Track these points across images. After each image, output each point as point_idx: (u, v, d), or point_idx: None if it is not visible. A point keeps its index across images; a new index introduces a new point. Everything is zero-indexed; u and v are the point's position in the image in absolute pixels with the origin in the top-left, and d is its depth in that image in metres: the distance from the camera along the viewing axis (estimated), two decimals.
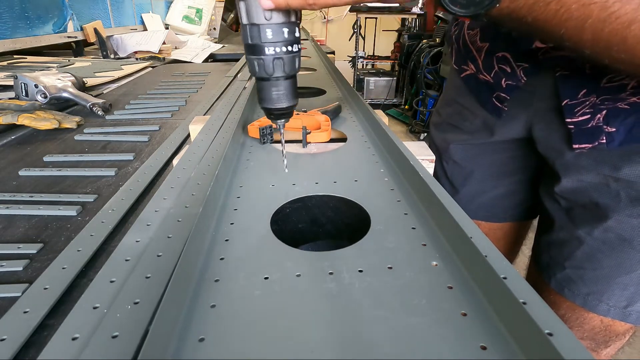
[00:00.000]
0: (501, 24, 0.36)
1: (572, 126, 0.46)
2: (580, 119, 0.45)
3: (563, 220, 0.52)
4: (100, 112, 0.84)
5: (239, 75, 1.10)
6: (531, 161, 0.61)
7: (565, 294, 0.52)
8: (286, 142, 0.55)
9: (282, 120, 0.39)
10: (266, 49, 0.33)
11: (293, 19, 0.33)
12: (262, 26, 0.32)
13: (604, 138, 0.44)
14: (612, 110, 0.43)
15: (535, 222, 0.69)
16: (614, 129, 0.43)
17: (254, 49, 0.33)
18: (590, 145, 0.45)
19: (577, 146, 0.46)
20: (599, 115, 0.43)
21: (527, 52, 0.47)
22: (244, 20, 0.33)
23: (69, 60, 1.49)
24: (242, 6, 0.32)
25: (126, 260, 0.29)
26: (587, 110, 0.44)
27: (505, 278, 0.23)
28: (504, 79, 0.51)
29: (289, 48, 0.34)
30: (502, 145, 0.60)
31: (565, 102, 0.45)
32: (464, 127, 0.62)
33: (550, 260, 0.54)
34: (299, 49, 0.35)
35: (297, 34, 0.34)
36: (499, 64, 0.51)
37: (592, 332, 0.53)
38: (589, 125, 0.44)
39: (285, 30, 0.33)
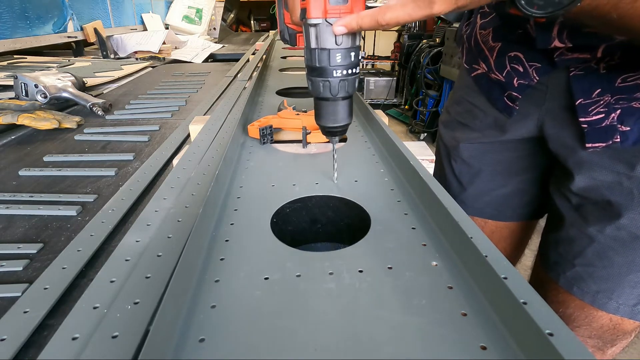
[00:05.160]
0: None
1: (585, 125, 0.46)
2: (594, 118, 0.45)
3: (573, 218, 0.52)
4: (100, 112, 0.84)
5: (239, 75, 1.10)
6: (540, 160, 0.61)
7: (574, 292, 0.52)
8: (286, 142, 0.55)
9: (337, 138, 0.41)
10: (334, 71, 0.34)
11: (358, 42, 0.34)
12: (332, 51, 0.33)
13: (618, 137, 0.44)
14: (627, 109, 0.43)
15: (540, 222, 0.69)
16: (628, 128, 0.43)
17: (321, 72, 0.35)
18: (604, 145, 0.45)
19: (590, 145, 0.46)
20: (613, 115, 0.43)
21: (540, 52, 0.47)
22: (313, 45, 0.34)
23: (69, 60, 1.49)
24: (312, 32, 0.33)
25: (126, 260, 0.29)
26: (601, 110, 0.44)
27: (505, 278, 0.23)
28: (516, 78, 0.51)
29: (353, 70, 0.35)
30: (511, 144, 0.60)
31: (579, 101, 0.45)
32: (474, 126, 0.62)
33: (559, 258, 0.54)
34: (359, 70, 0.36)
35: (359, 57, 0.35)
36: (511, 64, 0.51)
37: (601, 330, 0.53)
38: (603, 125, 0.44)
39: (352, 54, 0.34)
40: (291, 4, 0.37)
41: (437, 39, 2.79)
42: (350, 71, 0.35)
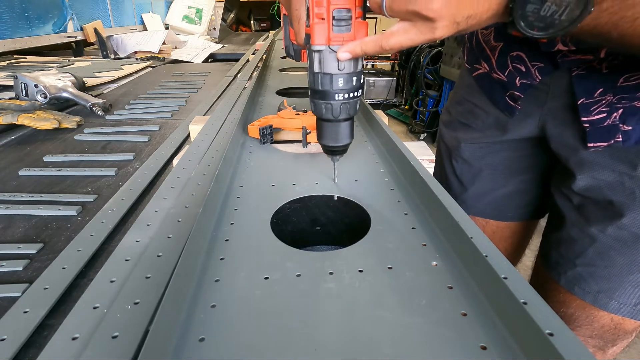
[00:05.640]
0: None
1: (587, 125, 0.46)
2: (596, 117, 0.45)
3: (574, 218, 0.52)
4: (100, 112, 0.84)
5: (239, 75, 1.10)
6: (541, 160, 0.61)
7: (575, 292, 0.52)
8: (286, 142, 0.55)
9: (338, 157, 0.41)
10: (336, 95, 0.35)
11: (360, 67, 0.35)
12: (335, 76, 0.34)
13: (620, 136, 0.44)
14: (629, 108, 0.43)
15: (541, 222, 0.69)
16: (630, 128, 0.43)
17: (323, 95, 0.35)
18: (605, 144, 0.45)
19: (592, 145, 0.46)
20: (615, 114, 0.44)
21: (542, 52, 0.47)
22: (316, 69, 0.35)
23: (69, 60, 1.49)
24: (315, 57, 0.34)
25: (126, 260, 0.29)
26: (603, 109, 0.44)
27: (505, 278, 0.23)
28: (518, 78, 0.51)
29: (355, 94, 0.36)
30: (513, 144, 0.61)
31: (581, 100, 0.45)
32: (475, 125, 0.62)
33: (560, 258, 0.54)
34: (361, 93, 0.37)
35: (361, 81, 0.36)
36: (513, 63, 0.51)
37: (602, 330, 0.53)
38: (605, 124, 0.44)
39: (354, 78, 0.35)
40: (296, 28, 0.37)
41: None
42: (352, 94, 0.35)
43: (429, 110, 2.83)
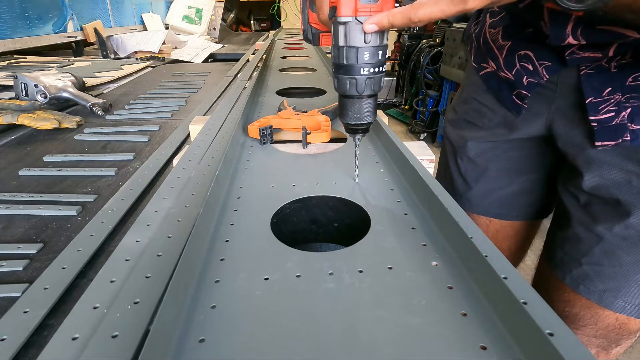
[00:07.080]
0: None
1: (595, 124, 0.46)
2: (604, 116, 0.45)
3: (581, 216, 0.52)
4: (100, 112, 0.84)
5: (239, 75, 1.10)
6: (547, 159, 0.61)
7: (580, 291, 0.52)
8: (286, 142, 0.55)
9: (360, 135, 0.41)
10: (361, 69, 0.35)
11: (385, 41, 0.35)
12: (361, 49, 0.34)
13: (628, 135, 0.44)
14: (637, 108, 0.43)
15: (544, 222, 0.69)
16: (638, 127, 0.43)
17: (348, 69, 0.35)
18: (613, 143, 0.45)
19: (599, 143, 0.46)
20: (623, 113, 0.43)
21: (550, 50, 0.47)
22: (342, 43, 0.34)
23: (69, 60, 1.49)
24: (341, 30, 0.33)
25: (126, 260, 0.29)
26: (612, 108, 0.44)
27: (505, 278, 0.23)
28: (525, 77, 0.51)
29: (380, 68, 0.35)
30: (518, 143, 0.61)
31: (589, 99, 0.45)
32: (481, 124, 0.62)
33: (565, 257, 0.54)
34: (385, 69, 0.37)
35: (386, 56, 0.36)
36: (521, 62, 0.51)
37: (606, 330, 0.53)
38: (613, 123, 0.44)
39: (380, 52, 0.35)
40: (319, 3, 0.37)
41: (437, 39, 2.79)
42: (377, 69, 0.35)
43: (429, 110, 2.83)
